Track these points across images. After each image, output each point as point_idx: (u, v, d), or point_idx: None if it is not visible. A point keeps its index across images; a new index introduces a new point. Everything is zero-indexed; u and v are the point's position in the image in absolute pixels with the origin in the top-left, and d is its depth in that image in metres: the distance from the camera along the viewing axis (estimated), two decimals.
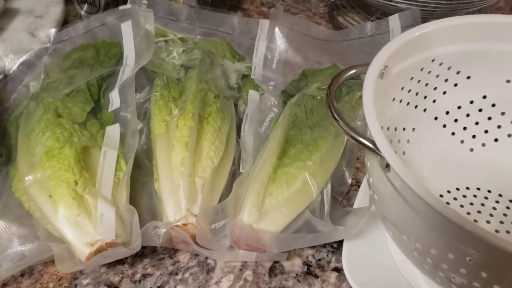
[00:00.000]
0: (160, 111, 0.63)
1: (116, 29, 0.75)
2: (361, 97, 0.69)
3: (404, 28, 0.80)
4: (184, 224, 0.55)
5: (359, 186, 0.66)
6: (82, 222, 0.52)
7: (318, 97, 0.72)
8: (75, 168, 0.54)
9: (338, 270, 0.58)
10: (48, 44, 0.78)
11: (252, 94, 0.76)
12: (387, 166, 0.40)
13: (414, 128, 0.58)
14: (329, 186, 0.61)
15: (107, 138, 0.59)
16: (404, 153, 0.57)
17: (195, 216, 0.56)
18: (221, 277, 0.57)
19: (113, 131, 0.60)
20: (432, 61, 0.53)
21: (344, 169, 0.66)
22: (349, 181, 0.66)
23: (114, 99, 0.64)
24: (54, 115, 0.59)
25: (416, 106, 0.57)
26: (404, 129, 0.57)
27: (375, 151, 0.41)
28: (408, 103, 0.55)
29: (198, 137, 0.62)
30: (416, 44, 0.51)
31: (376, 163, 0.43)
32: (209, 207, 0.55)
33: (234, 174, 0.65)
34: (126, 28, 0.73)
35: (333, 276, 0.57)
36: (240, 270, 0.57)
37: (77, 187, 0.53)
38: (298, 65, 0.85)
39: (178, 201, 0.56)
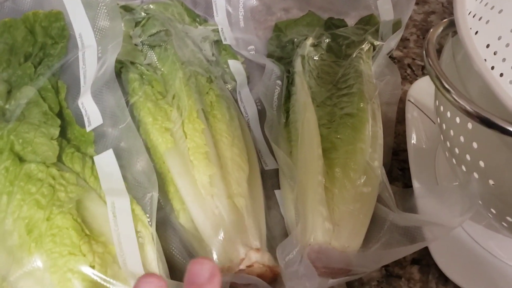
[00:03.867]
0: (155, 117, 0.46)
1: None
2: (370, 48, 0.59)
3: None
4: (249, 266, 0.41)
5: (397, 154, 0.57)
6: None
7: (316, 57, 0.60)
8: (83, 245, 0.36)
9: (418, 261, 0.49)
10: None
11: (234, 65, 0.61)
12: None
13: None
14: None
15: (103, 178, 0.41)
16: None
17: (256, 250, 0.42)
18: None
19: (107, 163, 0.41)
20: None
21: None
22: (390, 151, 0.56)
23: (89, 109, 0.43)
24: (13, 161, 0.39)
25: None
26: None
27: None
28: None
29: (213, 140, 0.47)
30: None
31: (500, 145, 0.35)
32: (286, 240, 0.42)
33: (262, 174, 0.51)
34: None
35: (415, 270, 0.49)
36: None
37: (95, 272, 0.35)
38: (263, 17, 0.71)
39: (228, 236, 0.42)
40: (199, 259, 0.31)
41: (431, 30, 0.40)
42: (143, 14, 0.59)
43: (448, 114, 0.41)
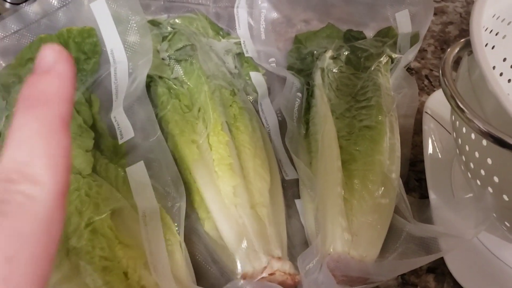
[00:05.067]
0: (183, 130, 0.48)
1: (76, 16, 0.54)
2: (388, 61, 0.61)
3: None
4: (271, 274, 0.43)
5: (414, 165, 0.58)
6: None
7: (335, 70, 0.62)
8: (117, 252, 0.38)
9: (433, 270, 0.51)
10: None
11: (256, 77, 0.63)
12: None
13: None
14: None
15: (135, 188, 0.43)
16: None
17: (278, 259, 0.44)
18: None
19: (138, 174, 0.44)
20: None
21: None
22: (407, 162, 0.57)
23: (121, 123, 0.46)
24: None
25: None
26: None
27: None
28: None
29: (237, 152, 0.49)
30: None
31: None
32: (307, 250, 0.44)
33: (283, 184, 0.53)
34: (99, 9, 0.50)
35: (430, 279, 0.50)
36: None
37: (128, 277, 0.38)
38: (284, 29, 0.73)
39: (251, 245, 0.44)
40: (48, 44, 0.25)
41: (448, 50, 0.41)
42: (169, 28, 0.61)
43: (464, 129, 0.43)
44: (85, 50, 0.52)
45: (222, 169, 0.47)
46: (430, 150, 0.57)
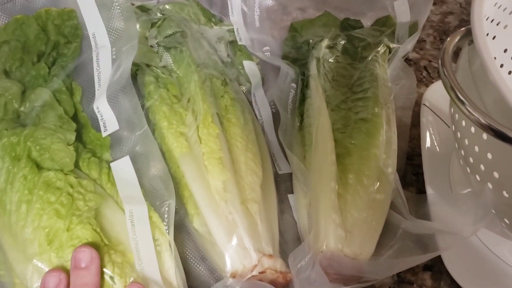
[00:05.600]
0: (171, 122, 0.46)
1: None
2: (385, 51, 0.59)
3: None
4: (262, 272, 0.42)
5: (412, 159, 0.57)
6: None
7: (331, 60, 0.60)
8: (103, 256, 0.37)
9: (430, 268, 0.49)
10: None
11: (249, 66, 0.61)
12: None
13: None
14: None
15: (121, 185, 0.41)
16: None
17: (269, 256, 0.42)
18: None
19: (124, 170, 0.42)
20: None
21: None
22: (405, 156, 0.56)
23: (105, 114, 0.44)
24: (32, 168, 0.39)
25: None
26: None
27: None
28: None
29: (228, 145, 0.47)
30: None
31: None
32: (298, 247, 0.42)
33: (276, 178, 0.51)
34: None
35: (427, 277, 0.49)
36: None
37: (115, 282, 0.36)
38: (279, 17, 0.71)
39: (241, 242, 0.42)
40: (81, 246, 0.36)
41: (448, 39, 0.39)
42: (159, 14, 0.59)
43: (463, 123, 0.41)
44: (65, 33, 0.50)
45: (212, 163, 0.45)
46: (428, 143, 0.55)
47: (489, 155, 0.38)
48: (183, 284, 0.40)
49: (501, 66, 0.50)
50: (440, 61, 0.38)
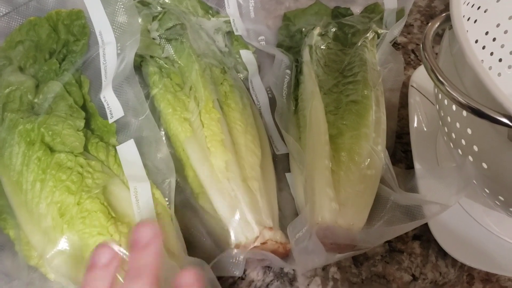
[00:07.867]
0: (175, 108, 0.50)
1: None
2: (374, 36, 0.62)
3: None
4: (263, 243, 0.45)
5: (401, 137, 0.60)
6: None
7: (323, 46, 0.63)
8: (110, 226, 0.40)
9: (418, 237, 0.53)
10: None
11: (246, 55, 0.64)
12: None
13: None
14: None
15: (126, 165, 0.45)
16: None
17: (269, 229, 0.46)
18: (308, 284, 0.49)
19: (129, 152, 0.46)
20: None
21: None
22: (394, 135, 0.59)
23: (111, 102, 0.48)
24: (45, 151, 0.43)
25: None
26: None
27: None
28: None
29: (228, 128, 0.51)
30: None
31: (492, 132, 0.38)
32: (296, 219, 0.46)
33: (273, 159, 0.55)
34: None
35: (416, 246, 0.53)
36: (324, 269, 0.50)
37: (121, 249, 0.40)
38: (273, 7, 0.74)
39: (244, 216, 0.46)
40: (143, 222, 0.37)
41: (429, 24, 0.43)
42: (159, 8, 0.62)
43: (445, 102, 0.45)
44: (74, 32, 0.53)
45: (214, 145, 0.48)
46: (416, 123, 0.59)
47: (469, 131, 0.42)
48: (183, 252, 0.44)
49: (483, 48, 0.54)
50: (421, 46, 0.42)
